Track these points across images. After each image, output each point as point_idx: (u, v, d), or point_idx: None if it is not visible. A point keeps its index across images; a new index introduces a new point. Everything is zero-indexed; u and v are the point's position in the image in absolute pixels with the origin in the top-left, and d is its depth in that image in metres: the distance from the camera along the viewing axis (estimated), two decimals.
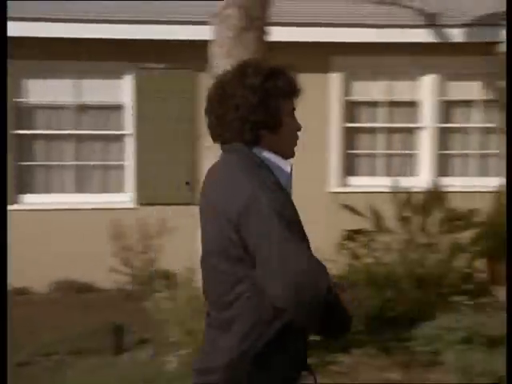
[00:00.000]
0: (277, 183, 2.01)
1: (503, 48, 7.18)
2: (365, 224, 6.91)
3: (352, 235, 6.53)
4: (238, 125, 2.08)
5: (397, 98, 7.62)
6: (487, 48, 7.25)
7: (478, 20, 7.32)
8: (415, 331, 5.17)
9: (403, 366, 4.75)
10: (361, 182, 7.56)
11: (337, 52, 7.18)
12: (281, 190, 2.00)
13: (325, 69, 7.26)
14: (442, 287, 6.87)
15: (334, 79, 7.35)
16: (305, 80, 2.23)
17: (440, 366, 4.72)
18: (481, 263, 7.24)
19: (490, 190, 7.51)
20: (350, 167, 7.55)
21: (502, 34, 7.17)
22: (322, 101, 7.25)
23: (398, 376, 4.49)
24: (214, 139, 2.19)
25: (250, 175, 2.00)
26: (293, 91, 2.14)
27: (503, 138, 7.67)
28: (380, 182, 7.47)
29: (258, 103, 2.06)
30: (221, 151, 2.17)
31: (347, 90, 7.45)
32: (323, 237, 5.40)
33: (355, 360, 4.57)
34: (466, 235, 7.41)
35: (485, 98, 7.64)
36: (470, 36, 7.16)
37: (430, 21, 7.25)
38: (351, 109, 7.54)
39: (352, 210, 6.84)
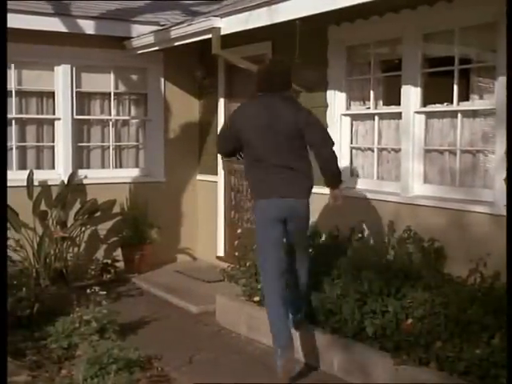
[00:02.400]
0: None
1: (134, 43, 7.42)
2: None
3: None
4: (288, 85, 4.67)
5: (29, 87, 7.33)
6: (118, 42, 7.39)
7: (110, 14, 7.42)
8: (51, 328, 5.04)
9: (35, 366, 4.58)
10: None
11: None
12: None
13: None
14: (81, 280, 6.87)
15: None
16: None
17: (73, 359, 4.66)
18: (119, 253, 7.39)
19: (126, 181, 7.69)
20: None
21: (134, 28, 7.40)
22: None
23: (26, 377, 4.29)
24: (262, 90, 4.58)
25: (301, 107, 4.60)
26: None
27: (140, 131, 7.94)
28: (14, 177, 7.12)
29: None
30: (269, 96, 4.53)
31: None
32: None
33: None
34: (105, 226, 7.53)
35: (117, 90, 7.78)
36: (101, 29, 7.20)
37: (61, 10, 7.12)
38: None
39: None
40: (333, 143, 4.52)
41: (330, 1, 4.97)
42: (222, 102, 7.67)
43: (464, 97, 5.11)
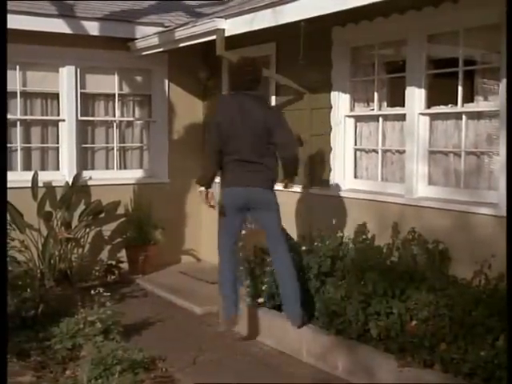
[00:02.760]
0: None
1: (139, 45, 7.44)
2: None
3: None
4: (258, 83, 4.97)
5: (34, 88, 7.34)
6: (123, 43, 7.41)
7: (115, 16, 7.43)
8: (55, 329, 5.05)
9: (40, 367, 4.59)
10: None
11: None
12: None
13: None
14: (85, 281, 6.88)
15: None
16: None
17: (77, 360, 4.66)
18: (123, 254, 7.40)
19: (130, 182, 7.71)
20: None
21: (138, 30, 7.41)
22: None
23: (31, 378, 4.30)
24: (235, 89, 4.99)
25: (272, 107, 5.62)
26: None
27: (144, 132, 7.95)
28: (19, 178, 7.14)
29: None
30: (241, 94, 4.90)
31: None
32: None
33: None
34: (109, 227, 7.54)
35: (122, 91, 7.79)
36: (106, 30, 7.22)
37: (66, 11, 7.14)
38: None
39: None
40: (299, 145, 5.08)
41: (335, 2, 4.97)
42: None
43: (469, 98, 5.10)
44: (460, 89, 5.05)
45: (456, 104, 5.12)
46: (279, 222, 5.02)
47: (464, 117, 5.06)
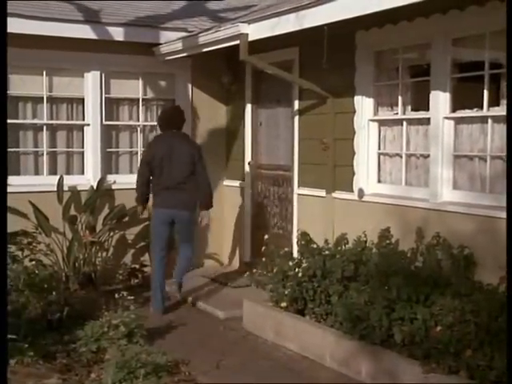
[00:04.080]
0: None
1: (163, 50, 7.49)
2: (29, 225, 6.64)
3: (12, 238, 6.18)
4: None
5: (60, 94, 7.42)
6: (147, 48, 7.46)
7: (139, 21, 7.49)
8: (80, 332, 5.09)
9: (65, 370, 4.63)
10: (23, 182, 7.20)
11: None
12: None
13: None
14: (109, 284, 6.93)
15: None
16: None
17: (102, 363, 4.69)
18: (146, 258, 7.43)
19: None
20: (9, 167, 7.10)
21: (162, 35, 7.46)
22: None
23: (57, 380, 4.33)
24: (164, 129, 6.39)
25: (195, 143, 6.65)
26: None
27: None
28: (45, 181, 7.23)
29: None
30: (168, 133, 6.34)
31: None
32: None
33: (11, 370, 4.28)
34: (133, 231, 7.58)
35: (146, 96, 7.85)
36: (130, 36, 7.28)
37: (91, 17, 7.21)
38: (14, 104, 7.16)
39: (13, 210, 6.50)
40: (208, 181, 6.33)
41: (359, 6, 4.97)
42: (249, 107, 7.69)
43: (494, 102, 5.05)
44: (486, 92, 5.00)
45: (481, 108, 5.07)
46: (191, 235, 6.44)
47: (490, 121, 5.02)
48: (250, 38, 6.17)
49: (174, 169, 6.14)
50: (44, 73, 7.26)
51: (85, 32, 7.05)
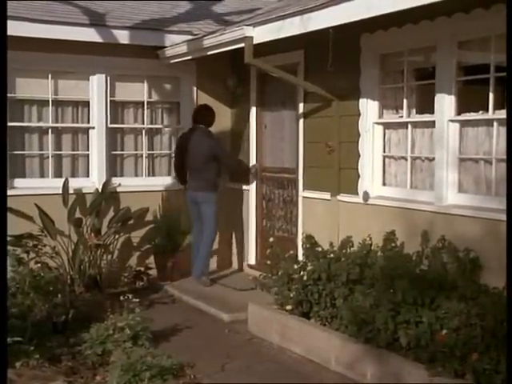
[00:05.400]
0: None
1: (168, 53, 7.50)
2: (34, 227, 6.66)
3: (18, 241, 6.20)
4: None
5: (65, 96, 7.44)
6: (152, 51, 7.47)
7: (144, 24, 7.51)
8: (86, 334, 5.09)
9: (71, 372, 4.63)
10: (29, 184, 7.22)
11: None
12: None
13: None
14: (114, 287, 6.93)
15: None
16: None
17: (107, 365, 4.70)
18: (151, 261, 7.44)
19: (159, 189, 7.77)
20: (14, 170, 7.15)
21: (167, 38, 7.48)
22: None
23: (62, 383, 4.34)
24: (192, 124, 7.36)
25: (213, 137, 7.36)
26: None
27: (173, 139, 8.00)
28: (50, 184, 7.24)
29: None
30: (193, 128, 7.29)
31: (10, 88, 7.02)
32: None
33: (17, 373, 4.30)
34: (138, 234, 7.60)
35: (150, 99, 7.86)
36: (135, 39, 7.30)
37: (97, 20, 7.23)
38: (19, 107, 7.18)
39: (19, 213, 6.52)
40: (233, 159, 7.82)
41: (364, 9, 4.96)
42: (254, 110, 7.70)
43: (500, 105, 5.04)
44: (491, 95, 5.00)
45: (487, 111, 5.06)
46: (212, 215, 7.16)
47: (495, 123, 5.01)
48: (255, 41, 6.18)
49: (194, 157, 7.09)
50: (49, 76, 7.29)
51: (90, 35, 7.08)
